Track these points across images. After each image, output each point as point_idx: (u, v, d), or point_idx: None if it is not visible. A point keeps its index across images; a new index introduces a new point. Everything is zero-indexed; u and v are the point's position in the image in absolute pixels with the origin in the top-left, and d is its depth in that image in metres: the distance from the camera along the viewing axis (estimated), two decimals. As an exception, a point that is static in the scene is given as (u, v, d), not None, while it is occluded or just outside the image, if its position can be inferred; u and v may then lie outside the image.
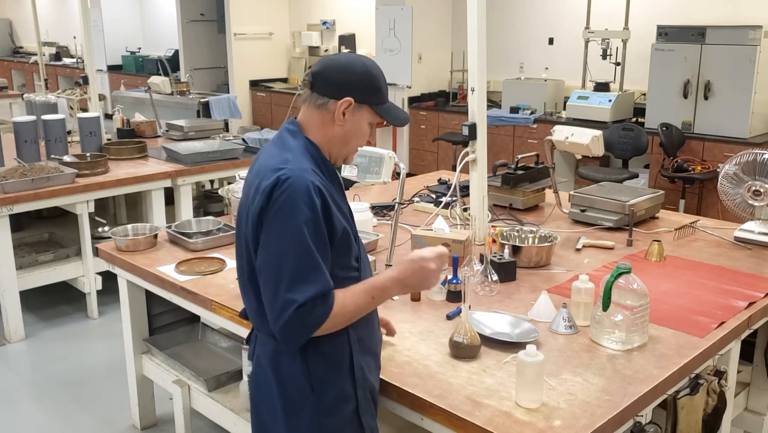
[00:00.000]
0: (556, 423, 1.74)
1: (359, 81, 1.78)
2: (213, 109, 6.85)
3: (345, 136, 1.81)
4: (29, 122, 4.66)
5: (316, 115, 1.80)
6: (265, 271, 1.69)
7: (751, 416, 2.94)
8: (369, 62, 1.83)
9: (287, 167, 1.69)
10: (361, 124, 1.82)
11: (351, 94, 1.77)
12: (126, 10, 12.07)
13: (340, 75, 1.78)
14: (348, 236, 1.78)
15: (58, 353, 4.15)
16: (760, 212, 3.07)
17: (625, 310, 2.09)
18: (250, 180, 1.79)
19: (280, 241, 1.66)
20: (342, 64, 1.80)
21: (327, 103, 1.78)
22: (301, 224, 1.64)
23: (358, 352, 1.83)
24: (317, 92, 1.78)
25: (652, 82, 6.16)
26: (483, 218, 3.02)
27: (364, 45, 9.09)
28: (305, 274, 1.65)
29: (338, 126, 1.79)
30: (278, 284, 1.66)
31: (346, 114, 1.78)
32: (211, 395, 2.85)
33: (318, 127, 1.80)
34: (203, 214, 5.32)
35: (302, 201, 1.65)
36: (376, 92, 1.81)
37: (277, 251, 1.66)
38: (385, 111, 1.84)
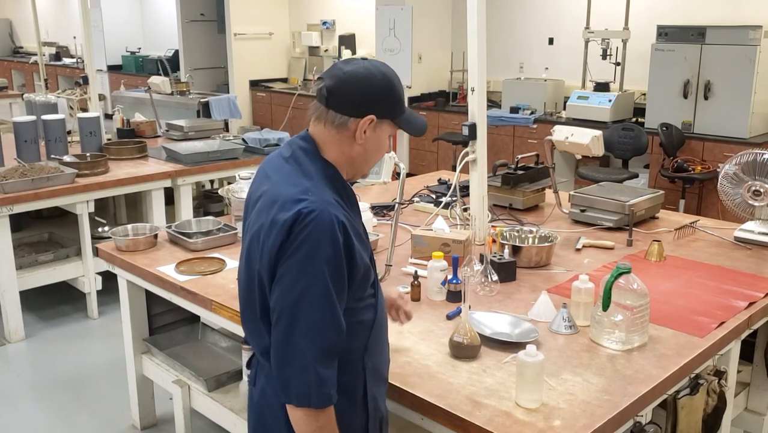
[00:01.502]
0: (556, 423, 1.74)
1: (380, 95, 1.64)
2: (213, 109, 6.84)
3: (365, 154, 1.68)
4: (29, 122, 4.66)
5: (334, 134, 1.65)
6: (279, 315, 1.57)
7: (751, 416, 2.94)
8: (387, 71, 1.67)
9: (309, 198, 1.55)
10: (382, 139, 1.69)
11: (373, 111, 1.62)
12: (126, 10, 12.08)
13: (360, 91, 1.62)
14: (368, 270, 1.66)
15: (58, 353, 4.15)
16: (760, 212, 3.07)
17: (625, 310, 2.09)
18: (263, 206, 1.63)
19: (298, 280, 1.53)
20: (361, 77, 1.62)
21: (347, 122, 1.62)
22: (322, 264, 1.52)
23: (372, 382, 1.73)
24: (334, 109, 1.62)
25: (652, 82, 6.16)
26: (483, 218, 3.02)
27: (364, 45, 9.09)
28: (321, 323, 1.54)
29: (359, 145, 1.65)
30: (292, 330, 1.54)
31: (367, 132, 1.64)
32: (211, 395, 2.85)
33: (336, 146, 1.66)
34: (203, 214, 5.32)
35: (325, 239, 1.52)
36: (397, 104, 1.68)
37: (296, 297, 1.53)
38: (405, 122, 1.71)
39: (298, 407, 1.56)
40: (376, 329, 1.73)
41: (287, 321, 1.55)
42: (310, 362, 1.53)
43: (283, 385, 1.57)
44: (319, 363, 1.54)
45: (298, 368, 1.53)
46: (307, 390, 1.54)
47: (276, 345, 1.58)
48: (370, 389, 1.73)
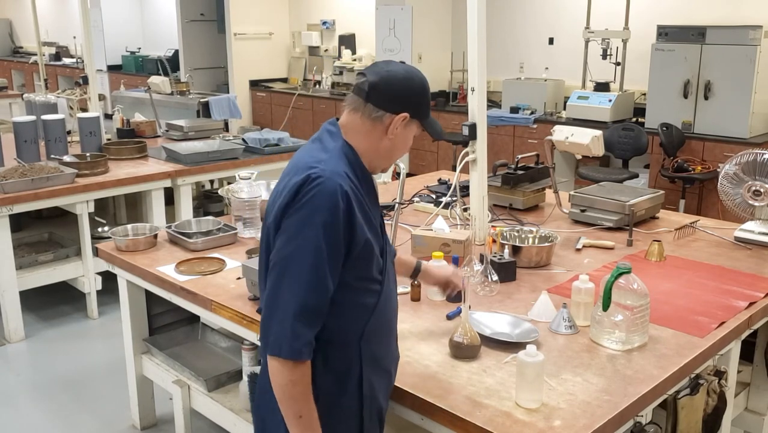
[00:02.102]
0: (556, 423, 1.74)
1: (416, 96, 1.78)
2: (213, 109, 6.85)
3: (392, 149, 1.80)
4: (29, 122, 4.66)
5: (368, 126, 1.75)
6: (272, 263, 1.67)
7: (751, 416, 2.94)
8: (422, 75, 1.82)
9: (320, 167, 1.66)
10: (408, 137, 1.82)
11: (407, 110, 1.75)
12: (126, 10, 12.08)
13: (400, 89, 1.75)
14: (370, 248, 1.71)
15: (58, 353, 4.15)
16: (760, 212, 3.07)
17: (625, 310, 2.09)
18: (283, 176, 1.77)
19: (294, 238, 1.63)
20: (401, 77, 1.76)
21: (383, 116, 1.74)
22: (319, 227, 1.61)
23: (369, 369, 1.77)
24: (373, 103, 1.73)
25: (652, 82, 6.16)
26: (483, 218, 3.02)
27: (364, 45, 9.10)
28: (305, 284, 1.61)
29: (388, 139, 1.77)
30: (280, 285, 1.64)
31: (399, 128, 1.76)
32: (211, 395, 2.85)
33: (366, 137, 1.76)
34: (203, 214, 5.32)
35: (326, 204, 1.61)
36: (427, 107, 1.83)
37: (289, 248, 1.63)
38: (429, 125, 1.83)
39: (273, 357, 1.64)
40: (377, 316, 1.77)
41: (277, 274, 1.65)
42: (289, 316, 1.61)
43: (264, 333, 1.66)
44: (297, 319, 1.61)
45: (278, 319, 1.62)
46: (280, 340, 1.61)
47: (265, 296, 1.68)
48: (367, 376, 1.76)
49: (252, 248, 2.96)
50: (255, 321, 2.35)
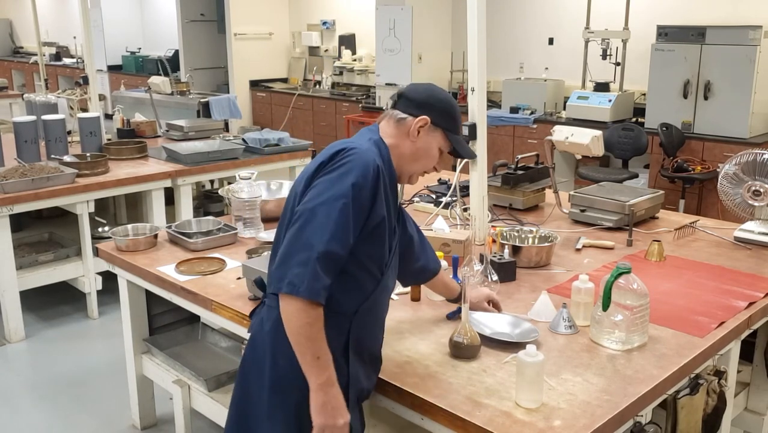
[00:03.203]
0: (556, 423, 1.74)
1: (438, 104, 1.91)
2: (213, 109, 6.85)
3: (415, 153, 1.91)
4: (29, 122, 4.66)
5: (394, 128, 1.90)
6: (297, 213, 1.73)
7: (751, 416, 2.94)
8: (450, 95, 1.98)
9: (356, 144, 1.80)
10: (432, 145, 1.92)
11: (428, 114, 1.89)
12: (126, 10, 12.08)
13: (423, 95, 1.92)
14: (384, 228, 1.81)
15: (58, 353, 4.15)
16: (760, 212, 3.07)
17: (625, 310, 2.10)
18: (318, 156, 1.84)
19: (323, 192, 1.71)
20: (426, 87, 1.95)
21: (406, 119, 1.89)
22: (348, 185, 1.70)
23: (353, 351, 1.84)
24: (399, 109, 1.91)
25: (652, 82, 6.17)
26: (483, 218, 3.02)
27: (364, 45, 9.10)
28: (334, 229, 1.68)
29: (411, 141, 1.89)
30: (305, 227, 1.69)
31: (420, 132, 1.89)
32: (211, 395, 2.85)
33: (392, 138, 1.90)
34: (203, 214, 5.32)
35: (359, 168, 1.72)
36: (451, 120, 1.93)
37: (317, 200, 1.71)
38: (456, 140, 1.95)
39: (291, 299, 1.67)
40: (370, 304, 1.86)
41: (303, 221, 1.71)
42: (313, 258, 1.66)
43: (280, 276, 1.68)
44: (319, 262, 1.67)
45: (300, 260, 1.67)
46: (300, 280, 1.65)
47: (286, 240, 1.72)
48: (353, 360, 1.84)
49: (252, 248, 2.96)
50: (255, 321, 2.35)
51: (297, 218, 1.72)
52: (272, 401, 1.83)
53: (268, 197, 3.53)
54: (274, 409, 1.83)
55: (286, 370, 1.79)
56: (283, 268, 1.69)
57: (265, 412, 1.84)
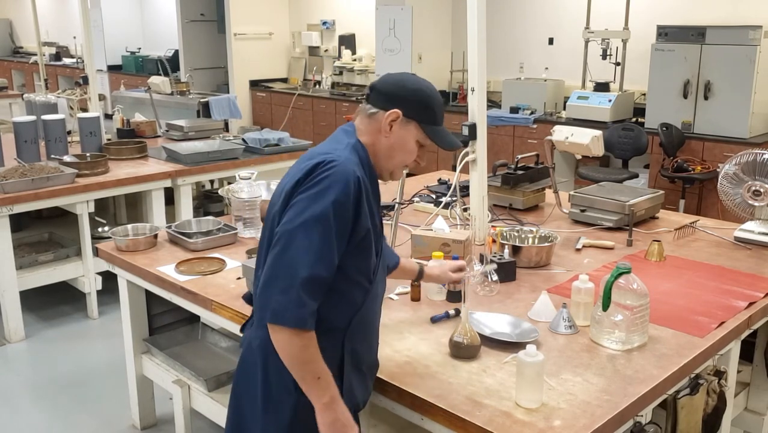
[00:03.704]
0: (556, 423, 1.74)
1: (410, 96, 1.81)
2: (213, 109, 6.85)
3: (390, 148, 1.83)
4: (29, 122, 4.66)
5: (366, 123, 1.83)
6: (278, 236, 1.67)
7: (751, 416, 2.94)
8: (425, 83, 1.86)
9: (334, 154, 1.71)
10: (407, 139, 1.83)
11: (399, 107, 1.80)
12: (126, 10, 12.08)
13: (393, 88, 1.82)
14: (370, 239, 1.76)
15: (58, 353, 4.15)
16: (760, 212, 3.07)
17: (625, 310, 2.09)
18: (294, 166, 1.80)
19: (303, 211, 1.65)
20: (397, 79, 1.85)
21: (377, 113, 1.81)
22: (329, 203, 1.64)
23: (349, 366, 1.80)
24: (371, 103, 1.84)
25: (652, 82, 6.16)
26: (483, 218, 3.02)
27: (364, 45, 9.10)
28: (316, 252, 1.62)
29: (384, 137, 1.81)
30: (286, 251, 1.63)
31: (393, 126, 1.80)
32: (211, 395, 2.85)
33: (367, 135, 1.83)
34: (203, 214, 5.32)
35: (339, 184, 1.65)
36: (425, 111, 1.83)
37: (297, 220, 1.64)
38: (432, 132, 1.85)
39: (278, 328, 1.63)
40: (362, 314, 1.81)
41: (283, 244, 1.65)
42: (295, 284, 1.61)
43: (263, 303, 1.65)
44: (303, 288, 1.62)
45: (282, 287, 1.62)
46: (284, 308, 1.61)
47: (267, 265, 1.67)
48: (347, 372, 1.80)
49: (252, 248, 2.96)
50: (255, 321, 2.35)
51: (277, 240, 1.66)
52: (266, 419, 1.79)
53: (268, 197, 3.52)
54: (267, 428, 1.79)
55: (278, 389, 1.76)
56: (266, 294, 1.64)
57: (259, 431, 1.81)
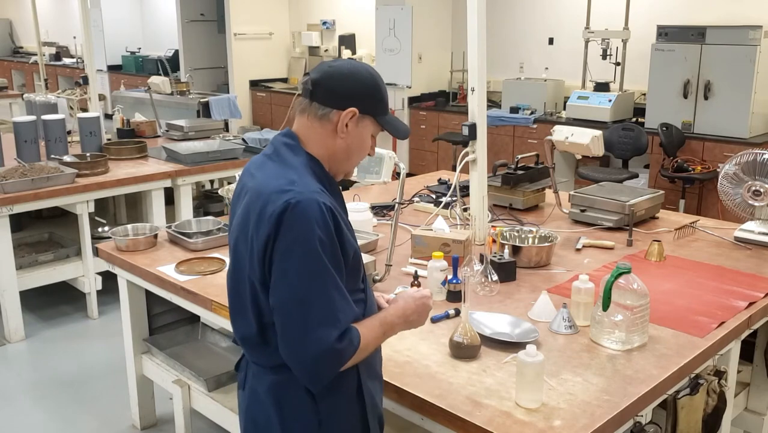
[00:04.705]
0: (556, 423, 1.74)
1: (365, 91, 1.67)
2: (213, 109, 6.85)
3: (348, 149, 1.69)
4: (29, 122, 4.66)
5: (317, 127, 1.66)
6: (286, 309, 1.55)
7: (751, 416, 2.94)
8: (373, 71, 1.71)
9: (294, 189, 1.55)
10: (364, 136, 1.70)
11: (355, 105, 1.64)
12: (126, 10, 12.08)
13: (345, 84, 1.65)
14: (358, 258, 1.69)
15: (58, 353, 4.15)
16: (760, 212, 3.07)
17: (625, 310, 2.09)
18: (249, 202, 1.63)
19: (303, 276, 1.53)
20: (346, 71, 1.66)
21: (329, 113, 1.64)
22: (320, 254, 1.52)
23: (365, 376, 1.73)
24: (318, 102, 1.65)
25: (652, 82, 6.16)
26: (483, 218, 3.02)
27: (364, 45, 9.10)
28: (334, 306, 1.55)
29: (340, 138, 1.66)
30: (305, 321, 1.53)
31: (349, 125, 1.65)
32: (211, 395, 2.85)
33: (318, 139, 1.67)
34: (203, 214, 5.32)
35: (317, 226, 1.53)
36: (380, 103, 1.70)
37: (302, 288, 1.53)
38: (387, 123, 1.73)
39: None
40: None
41: (301, 317, 1.53)
42: (332, 344, 1.54)
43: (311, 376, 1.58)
44: (338, 342, 1.55)
45: (321, 355, 1.53)
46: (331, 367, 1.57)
47: (292, 341, 1.55)
48: (365, 383, 1.73)
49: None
50: (255, 321, 2.35)
51: (287, 311, 1.55)
52: None
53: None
54: None
55: (301, 430, 1.67)
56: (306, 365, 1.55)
57: None
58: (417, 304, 1.78)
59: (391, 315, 1.74)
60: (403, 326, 1.78)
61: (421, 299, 1.79)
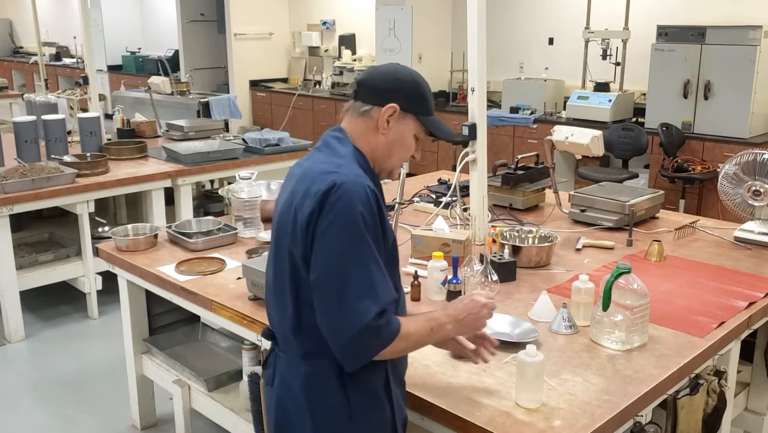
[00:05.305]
0: (556, 423, 1.74)
1: (405, 88, 1.74)
2: (213, 109, 6.85)
3: (389, 145, 1.75)
4: (29, 122, 4.66)
5: (360, 123, 1.74)
6: (327, 283, 1.57)
7: (751, 416, 2.94)
8: (415, 73, 1.78)
9: (341, 171, 1.61)
10: (406, 134, 1.76)
11: (396, 101, 1.71)
12: (126, 10, 12.08)
13: (385, 81, 1.73)
14: (395, 248, 1.71)
15: (58, 353, 4.15)
16: (760, 212, 3.07)
17: (625, 310, 2.10)
18: (294, 187, 1.68)
19: (344, 250, 1.56)
20: (388, 71, 1.76)
21: (371, 110, 1.72)
22: (363, 230, 1.56)
23: (392, 379, 1.74)
24: (361, 100, 1.73)
25: (652, 82, 6.16)
26: (483, 218, 3.02)
27: (364, 45, 9.10)
28: (373, 282, 1.56)
29: (382, 134, 1.73)
30: (345, 294, 1.55)
31: (390, 122, 1.72)
32: (211, 395, 2.85)
33: (361, 136, 1.74)
34: (203, 214, 5.32)
35: (361, 205, 1.57)
36: (421, 101, 1.76)
37: (343, 261, 1.56)
38: (430, 123, 1.78)
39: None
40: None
41: (338, 292, 1.56)
42: (371, 319, 1.54)
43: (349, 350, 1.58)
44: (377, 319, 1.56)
45: (360, 329, 1.54)
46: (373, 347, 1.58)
47: (329, 316, 1.58)
48: (393, 386, 1.74)
49: (252, 248, 2.96)
50: (255, 321, 2.35)
51: (327, 286, 1.57)
52: None
53: (268, 197, 3.53)
54: None
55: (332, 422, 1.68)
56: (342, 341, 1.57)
57: None
58: (466, 305, 1.77)
59: (439, 313, 1.75)
60: (456, 327, 1.76)
61: (475, 302, 1.77)
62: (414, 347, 1.71)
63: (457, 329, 1.78)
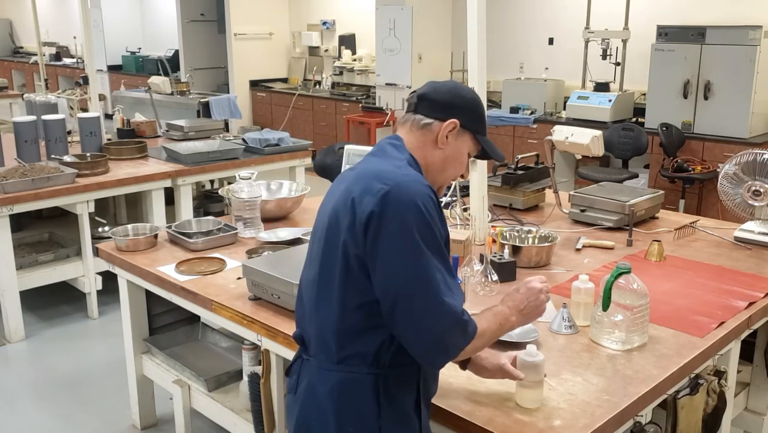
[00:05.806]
0: (556, 423, 1.74)
1: (467, 105, 1.74)
2: (213, 109, 6.84)
3: (444, 160, 1.74)
4: (29, 122, 4.65)
5: (419, 135, 1.73)
6: (410, 285, 1.54)
7: (751, 416, 2.94)
8: (474, 92, 1.80)
9: (399, 172, 1.61)
10: (462, 151, 1.76)
11: (457, 117, 1.72)
12: (126, 10, 12.08)
13: (449, 97, 1.73)
14: (448, 249, 1.68)
15: (58, 353, 4.15)
16: (760, 212, 3.07)
17: (625, 310, 2.09)
18: (349, 186, 1.63)
19: (419, 252, 1.54)
20: (450, 87, 1.76)
21: (431, 124, 1.72)
22: (433, 230, 1.56)
23: (423, 401, 1.71)
24: (422, 113, 1.73)
25: (652, 82, 6.17)
26: (483, 218, 3.02)
27: (364, 45, 9.10)
28: (448, 280, 1.58)
29: (439, 149, 1.72)
30: (432, 292, 1.54)
31: (449, 137, 1.72)
32: (211, 395, 2.85)
33: (419, 148, 1.72)
34: (203, 214, 5.32)
35: (426, 205, 1.56)
36: (480, 120, 1.77)
37: (421, 263, 1.54)
38: (485, 142, 1.79)
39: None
40: None
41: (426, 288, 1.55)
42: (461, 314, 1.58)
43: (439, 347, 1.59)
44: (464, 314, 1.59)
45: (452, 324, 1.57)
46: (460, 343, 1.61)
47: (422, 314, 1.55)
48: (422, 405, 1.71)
49: (252, 248, 2.96)
50: (255, 321, 2.35)
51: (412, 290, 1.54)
52: None
53: (268, 197, 3.53)
54: None
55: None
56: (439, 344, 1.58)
57: None
58: (524, 294, 1.77)
59: (501, 306, 1.75)
60: (520, 318, 1.77)
61: (528, 289, 1.77)
62: (486, 344, 1.71)
63: (520, 320, 1.77)
